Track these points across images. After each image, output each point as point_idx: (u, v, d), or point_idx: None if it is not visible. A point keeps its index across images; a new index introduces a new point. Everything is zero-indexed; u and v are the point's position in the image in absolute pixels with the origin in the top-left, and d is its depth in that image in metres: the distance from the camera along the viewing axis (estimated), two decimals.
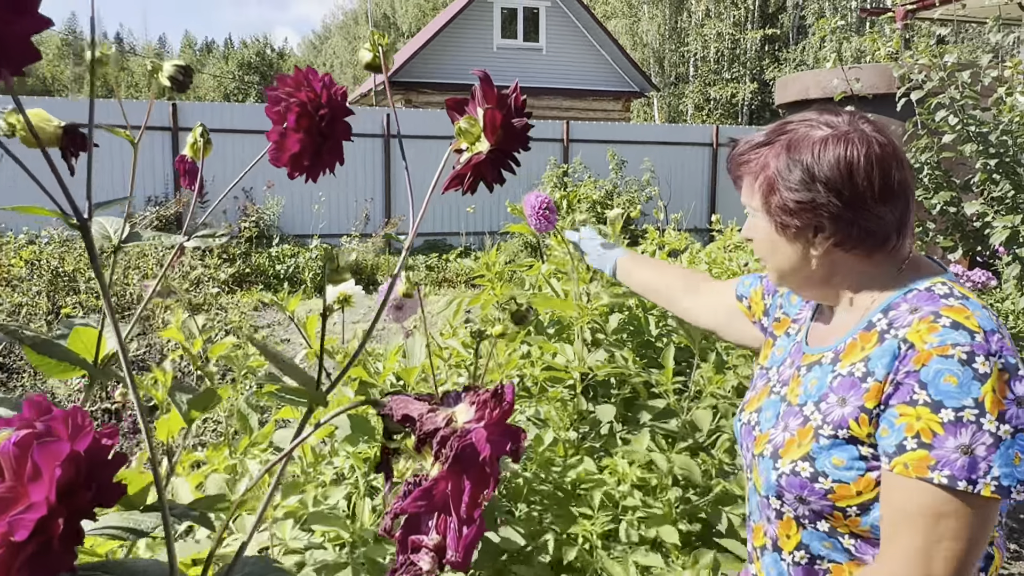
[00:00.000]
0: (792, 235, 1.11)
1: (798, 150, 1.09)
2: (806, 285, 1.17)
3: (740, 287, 1.48)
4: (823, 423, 1.06)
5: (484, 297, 2.77)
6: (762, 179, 1.13)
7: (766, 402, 1.21)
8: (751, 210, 1.18)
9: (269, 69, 56.37)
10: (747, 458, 1.22)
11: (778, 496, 1.11)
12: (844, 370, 1.08)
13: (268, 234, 10.82)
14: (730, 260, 3.32)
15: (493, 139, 0.57)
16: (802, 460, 1.07)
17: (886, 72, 4.40)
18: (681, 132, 14.38)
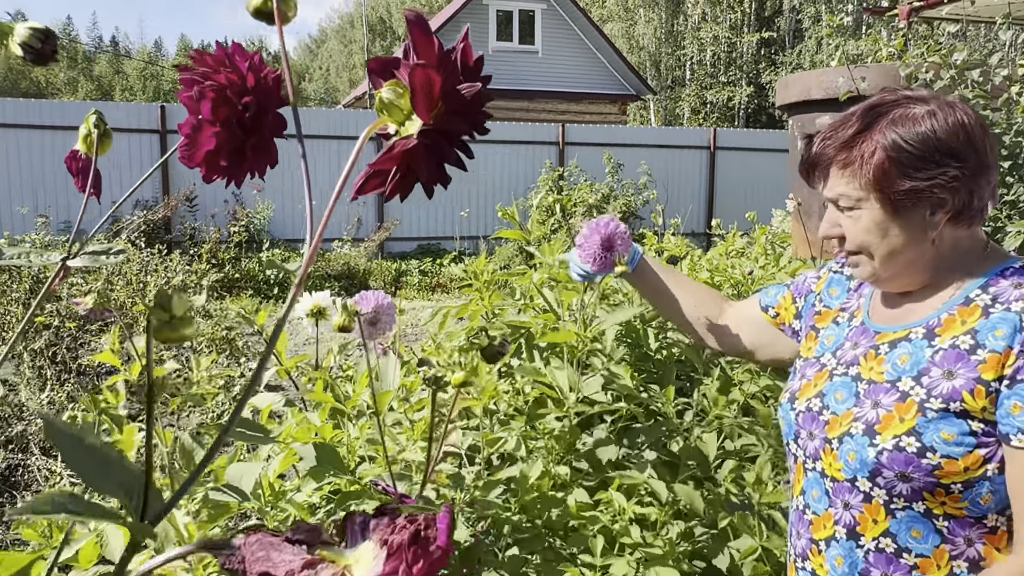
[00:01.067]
0: (909, 216, 1.08)
1: (909, 126, 1.06)
2: (911, 272, 1.13)
3: (764, 298, 1.45)
4: (929, 396, 1.04)
5: (472, 307, 2.60)
6: (871, 165, 1.08)
7: (828, 386, 1.17)
8: (848, 201, 1.12)
9: None
10: (807, 446, 1.18)
11: (872, 475, 1.07)
12: (945, 344, 1.06)
13: (258, 239, 10.63)
14: (732, 267, 3.14)
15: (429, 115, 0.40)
16: (907, 435, 1.05)
17: (891, 72, 4.25)
18: (678, 135, 14.23)
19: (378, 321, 1.31)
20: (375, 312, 1.31)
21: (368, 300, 1.31)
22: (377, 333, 1.33)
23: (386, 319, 1.33)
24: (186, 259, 9.00)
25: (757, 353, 1.46)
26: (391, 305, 1.34)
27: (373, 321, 1.31)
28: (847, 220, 1.14)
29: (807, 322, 1.34)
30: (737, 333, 1.46)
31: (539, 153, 13.07)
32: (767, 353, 1.44)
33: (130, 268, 7.10)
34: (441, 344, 2.47)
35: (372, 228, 11.81)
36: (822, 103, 4.68)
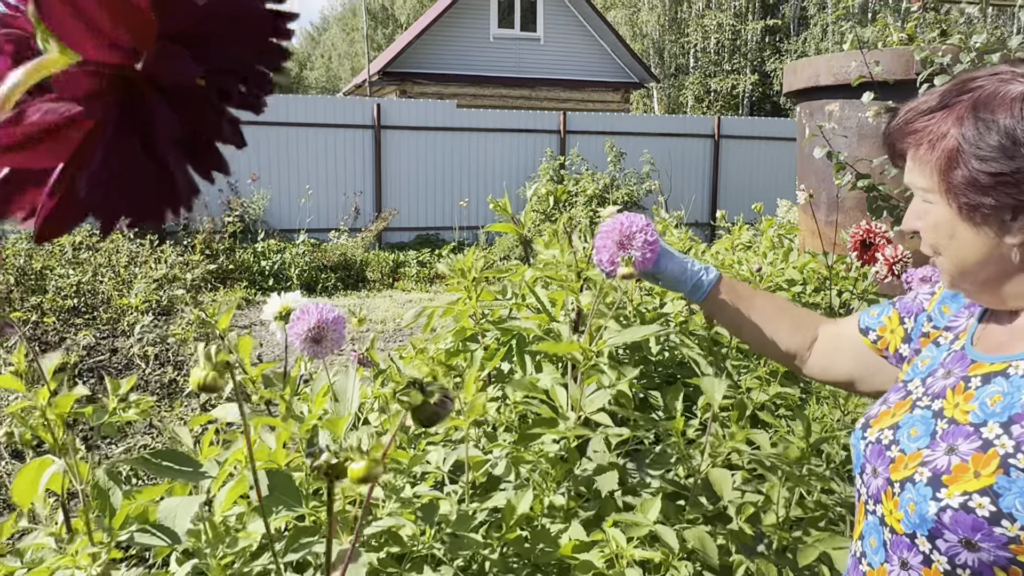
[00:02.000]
0: (981, 219, 0.90)
1: (991, 110, 0.87)
2: (990, 285, 0.95)
3: (864, 319, 1.22)
4: (1017, 451, 0.84)
5: (459, 307, 2.41)
6: (940, 151, 0.92)
7: (907, 418, 0.98)
8: (918, 192, 0.97)
9: None
10: (871, 483, 0.99)
11: (932, 536, 0.88)
12: None
13: (253, 229, 10.44)
14: (739, 263, 2.95)
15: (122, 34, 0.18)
16: (980, 494, 0.84)
17: (904, 56, 4.05)
18: (681, 123, 14.00)
19: (323, 339, 1.13)
20: (318, 328, 1.12)
21: (310, 315, 1.13)
22: (323, 352, 1.14)
23: (333, 336, 1.14)
24: (179, 250, 8.83)
25: (859, 384, 1.24)
26: (339, 319, 1.16)
27: (317, 339, 1.12)
28: (924, 212, 0.97)
29: (915, 346, 1.12)
30: (834, 362, 1.26)
31: (540, 142, 12.86)
32: (870, 384, 1.22)
33: (118, 259, 6.93)
34: (425, 348, 2.29)
35: (370, 218, 11.62)
36: (832, 89, 4.49)
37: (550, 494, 1.48)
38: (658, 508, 1.35)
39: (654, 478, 1.46)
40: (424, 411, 0.61)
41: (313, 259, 9.59)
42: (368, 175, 11.86)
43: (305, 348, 1.14)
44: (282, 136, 11.31)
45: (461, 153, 12.41)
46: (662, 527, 1.29)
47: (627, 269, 1.29)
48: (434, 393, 0.62)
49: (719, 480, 1.40)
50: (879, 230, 2.78)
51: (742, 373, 2.36)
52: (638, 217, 1.30)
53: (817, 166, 4.62)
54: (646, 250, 1.26)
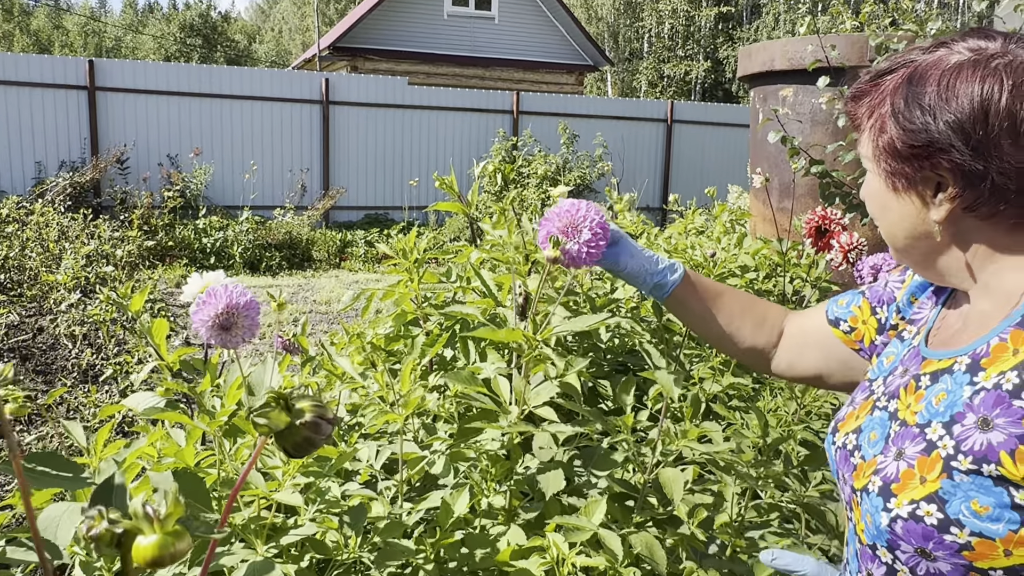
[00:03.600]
0: (903, 188, 0.88)
1: (923, 81, 0.84)
2: (925, 261, 0.92)
3: (833, 309, 1.15)
4: (957, 452, 0.79)
5: (400, 290, 2.28)
6: (875, 118, 0.89)
7: (868, 420, 0.93)
8: (864, 160, 0.94)
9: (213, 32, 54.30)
10: (845, 493, 0.94)
11: (890, 547, 0.84)
12: (989, 382, 0.79)
13: (195, 204, 10.08)
14: (692, 248, 2.87)
15: None
16: (926, 501, 0.79)
17: (859, 42, 4.02)
18: (635, 107, 13.95)
19: (233, 325, 0.99)
20: (227, 314, 0.98)
21: (217, 299, 0.98)
22: (233, 341, 1.00)
23: (245, 323, 1.00)
24: (115, 225, 8.48)
25: (827, 379, 1.17)
26: (252, 303, 1.02)
27: (226, 325, 0.98)
28: (866, 182, 0.95)
29: (884, 339, 1.08)
30: (801, 356, 1.19)
31: (492, 122, 12.68)
32: (839, 379, 1.15)
33: (48, 234, 6.59)
34: (362, 333, 2.15)
35: (317, 196, 11.33)
36: (786, 74, 4.44)
37: (490, 494, 1.37)
38: (603, 511, 1.24)
39: (601, 478, 1.36)
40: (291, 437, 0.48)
41: (257, 237, 9.31)
42: (316, 152, 11.55)
43: (212, 336, 1.00)
44: (226, 109, 10.93)
45: (412, 131, 12.17)
46: (607, 532, 1.19)
47: (554, 252, 1.17)
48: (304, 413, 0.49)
49: (670, 481, 1.30)
50: (834, 217, 2.72)
51: (694, 362, 2.28)
52: (591, 207, 1.18)
53: (770, 152, 4.58)
54: (591, 244, 1.14)
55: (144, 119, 10.55)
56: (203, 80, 10.81)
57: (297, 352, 1.63)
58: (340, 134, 11.67)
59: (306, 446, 0.47)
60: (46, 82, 9.94)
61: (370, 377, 1.41)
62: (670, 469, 1.32)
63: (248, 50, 56.65)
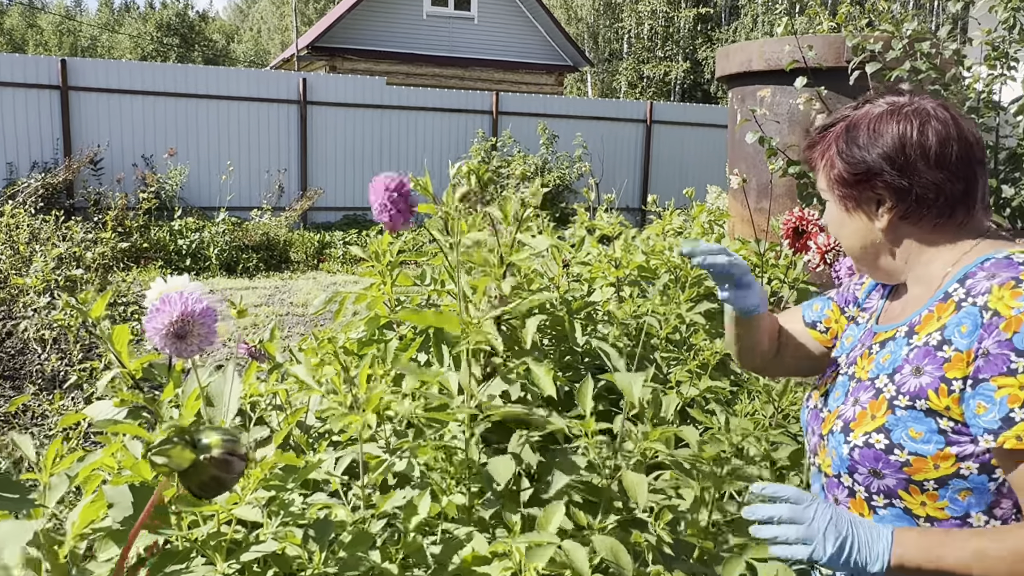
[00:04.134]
0: (853, 208, 1.16)
1: (856, 127, 1.14)
2: (875, 263, 1.19)
3: (808, 314, 1.41)
4: (897, 394, 1.07)
5: (373, 293, 2.24)
6: (826, 159, 1.19)
7: (833, 385, 1.22)
8: (822, 192, 1.22)
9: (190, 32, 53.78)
10: (812, 442, 1.23)
11: (850, 472, 1.12)
12: (920, 341, 1.08)
13: (170, 206, 9.94)
14: (671, 249, 2.84)
15: None
16: (876, 432, 1.08)
17: (836, 43, 4.02)
18: (615, 108, 13.95)
19: (188, 334, 0.94)
20: (182, 322, 0.94)
21: (172, 306, 0.94)
22: (188, 350, 0.96)
23: (201, 331, 0.96)
24: (88, 226, 8.35)
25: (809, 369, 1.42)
26: (208, 311, 0.97)
27: (181, 334, 0.94)
28: (827, 211, 1.22)
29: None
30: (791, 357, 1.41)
31: (472, 122, 12.63)
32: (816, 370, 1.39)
33: (18, 235, 6.45)
34: (334, 337, 2.10)
35: (294, 196, 11.21)
36: (764, 75, 4.43)
37: (450, 493, 1.33)
38: (560, 518, 1.21)
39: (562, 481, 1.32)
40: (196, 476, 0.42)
41: (234, 238, 9.20)
42: (293, 152, 11.44)
43: (166, 345, 0.95)
44: (202, 109, 10.80)
45: (391, 132, 12.09)
46: (572, 545, 1.15)
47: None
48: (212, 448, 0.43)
49: (634, 485, 1.27)
50: (811, 218, 2.71)
51: (672, 365, 2.25)
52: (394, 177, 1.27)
53: (748, 152, 4.57)
54: (403, 205, 1.27)
55: (118, 119, 10.39)
56: (178, 80, 10.67)
57: (264, 359, 1.59)
58: (318, 134, 11.57)
59: (214, 486, 0.42)
60: (17, 81, 9.77)
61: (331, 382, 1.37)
62: (633, 473, 1.29)
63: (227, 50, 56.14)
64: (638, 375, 1.34)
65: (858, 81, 3.25)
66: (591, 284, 2.86)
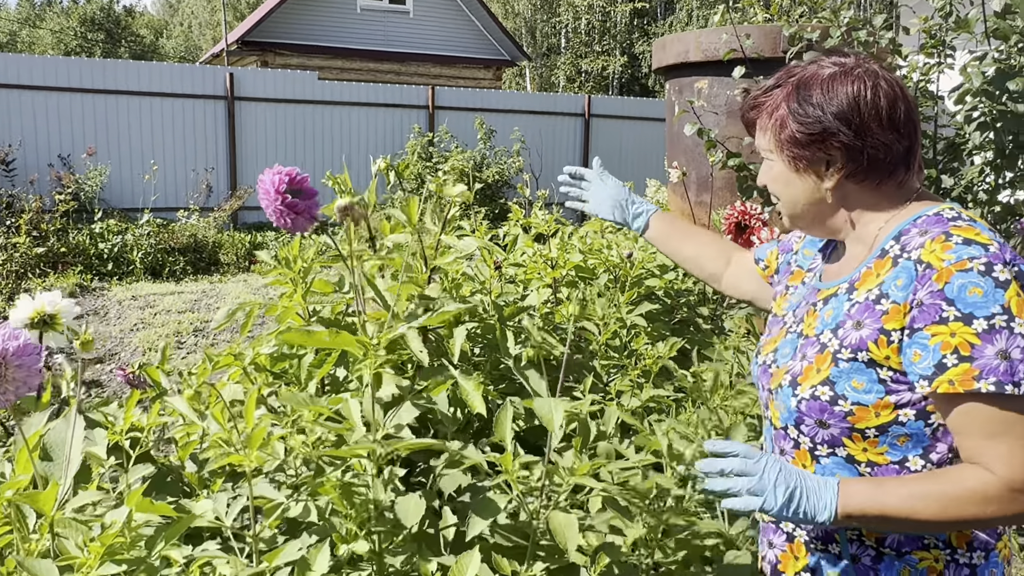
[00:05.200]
0: (804, 168, 1.18)
1: (808, 87, 1.15)
2: (818, 221, 1.23)
3: (758, 252, 1.55)
4: (840, 347, 1.11)
5: (284, 304, 2.03)
6: (774, 119, 1.19)
7: (783, 342, 1.26)
8: (764, 152, 1.24)
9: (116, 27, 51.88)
10: (763, 397, 1.28)
11: (797, 424, 1.16)
12: (860, 297, 1.13)
13: (90, 208, 9.45)
14: (609, 247, 2.70)
15: None
16: (822, 384, 1.12)
17: (772, 33, 3.94)
18: (552, 101, 13.84)
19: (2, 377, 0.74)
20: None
21: None
22: (3, 398, 0.76)
23: (17, 374, 0.76)
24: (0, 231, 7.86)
25: (756, 301, 1.56)
26: (26, 349, 0.77)
27: None
28: (766, 172, 1.25)
29: (783, 278, 1.42)
30: (741, 281, 1.57)
31: (408, 117, 12.36)
32: (763, 303, 1.52)
33: None
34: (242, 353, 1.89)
35: (223, 196, 10.80)
36: (701, 66, 4.32)
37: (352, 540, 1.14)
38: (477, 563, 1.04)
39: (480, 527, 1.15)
40: None
41: (159, 241, 8.79)
42: (221, 150, 11.01)
43: None
44: (123, 106, 10.30)
45: (324, 128, 11.74)
46: None
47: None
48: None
49: (561, 528, 1.11)
50: (754, 212, 2.59)
51: (612, 373, 2.10)
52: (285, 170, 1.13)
53: (687, 145, 4.46)
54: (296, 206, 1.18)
55: (32, 117, 9.84)
56: (97, 75, 10.16)
57: (144, 386, 1.37)
58: (247, 131, 11.16)
59: None
60: None
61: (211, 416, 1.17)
62: (561, 513, 1.13)
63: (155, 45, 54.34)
64: (559, 403, 1.17)
65: None
66: (526, 286, 2.70)
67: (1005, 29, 2.74)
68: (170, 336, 5.32)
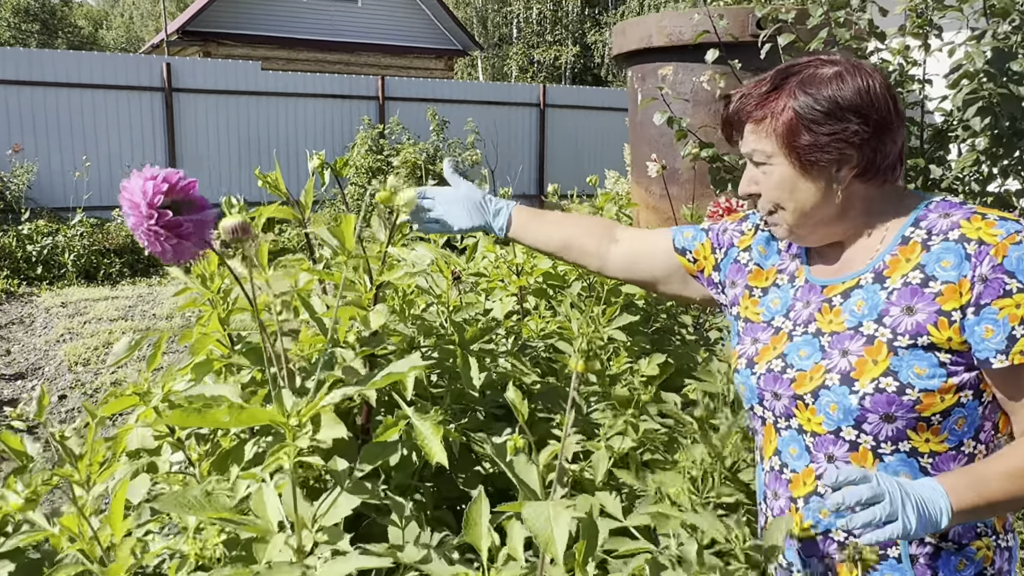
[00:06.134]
0: (817, 172, 1.13)
1: (816, 86, 1.11)
2: (821, 226, 1.18)
3: (679, 240, 1.43)
4: (895, 335, 1.08)
5: (198, 332, 1.70)
6: (780, 123, 1.13)
7: (790, 346, 1.19)
8: (761, 157, 1.17)
9: (52, 18, 49.96)
10: (775, 405, 1.19)
11: (857, 423, 1.09)
12: (897, 283, 1.10)
13: (16, 208, 8.87)
14: None
15: None
16: (884, 376, 1.07)
17: (741, 16, 3.69)
18: (507, 91, 13.53)
19: None
20: None
21: None
22: None
23: None
24: None
25: (660, 286, 1.46)
26: None
27: None
28: (762, 176, 1.18)
29: (735, 278, 1.34)
30: (638, 263, 1.46)
31: (357, 108, 11.93)
32: (672, 289, 1.45)
33: None
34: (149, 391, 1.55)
35: None
36: (665, 51, 4.06)
37: None
38: None
39: None
40: None
41: (93, 242, 8.28)
42: (159, 144, 10.47)
43: None
44: (51, 99, 9.69)
45: (268, 120, 11.26)
46: None
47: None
48: None
49: None
50: (741, 207, 2.32)
51: (592, 403, 1.81)
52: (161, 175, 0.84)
53: (651, 135, 4.20)
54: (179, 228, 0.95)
55: None
56: (22, 66, 9.54)
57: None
58: (187, 125, 10.63)
59: None
60: None
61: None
62: None
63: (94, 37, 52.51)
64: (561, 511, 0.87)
65: (769, 55, 2.92)
66: (489, 295, 2.40)
67: (1006, 5, 2.52)
68: (99, 348, 4.90)
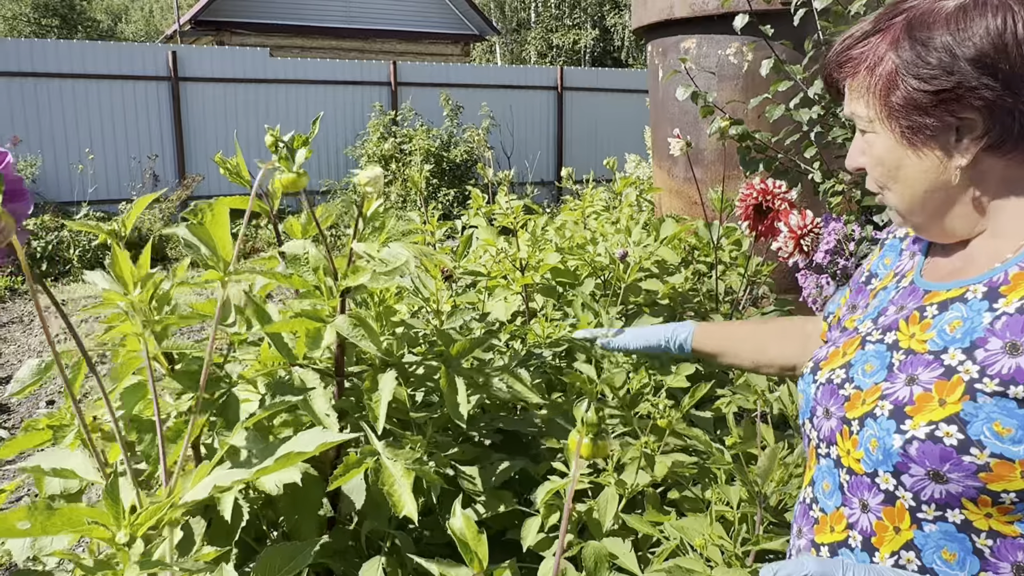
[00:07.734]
0: (923, 142, 0.87)
1: (927, 28, 0.85)
2: (939, 215, 0.92)
3: (829, 307, 1.18)
4: (982, 376, 0.80)
5: (126, 351, 1.41)
6: (877, 77, 0.89)
7: (859, 355, 0.94)
8: (860, 122, 0.93)
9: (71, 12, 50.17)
10: (822, 426, 0.95)
11: (897, 471, 0.84)
12: (1011, 307, 0.81)
13: None
14: (594, 242, 2.09)
15: None
16: (946, 422, 0.80)
17: None
18: (523, 75, 13.18)
19: None
20: None
21: None
22: None
23: None
24: None
25: None
26: None
27: None
28: (867, 146, 0.93)
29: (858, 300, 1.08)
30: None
31: (368, 95, 11.65)
32: None
33: None
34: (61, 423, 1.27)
35: (171, 185, 10.06)
36: (688, 23, 3.72)
37: None
38: None
39: None
40: None
41: (98, 236, 8.07)
42: (167, 135, 10.25)
43: None
44: (54, 90, 9.50)
45: (278, 108, 11.01)
46: None
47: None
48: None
49: None
50: (778, 191, 2.00)
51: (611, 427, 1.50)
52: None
53: (673, 113, 3.87)
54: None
55: None
56: (23, 57, 9.34)
57: None
58: (195, 114, 10.40)
59: None
60: None
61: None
62: None
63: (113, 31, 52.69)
64: None
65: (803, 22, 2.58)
66: (491, 293, 2.10)
67: None
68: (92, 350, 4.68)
